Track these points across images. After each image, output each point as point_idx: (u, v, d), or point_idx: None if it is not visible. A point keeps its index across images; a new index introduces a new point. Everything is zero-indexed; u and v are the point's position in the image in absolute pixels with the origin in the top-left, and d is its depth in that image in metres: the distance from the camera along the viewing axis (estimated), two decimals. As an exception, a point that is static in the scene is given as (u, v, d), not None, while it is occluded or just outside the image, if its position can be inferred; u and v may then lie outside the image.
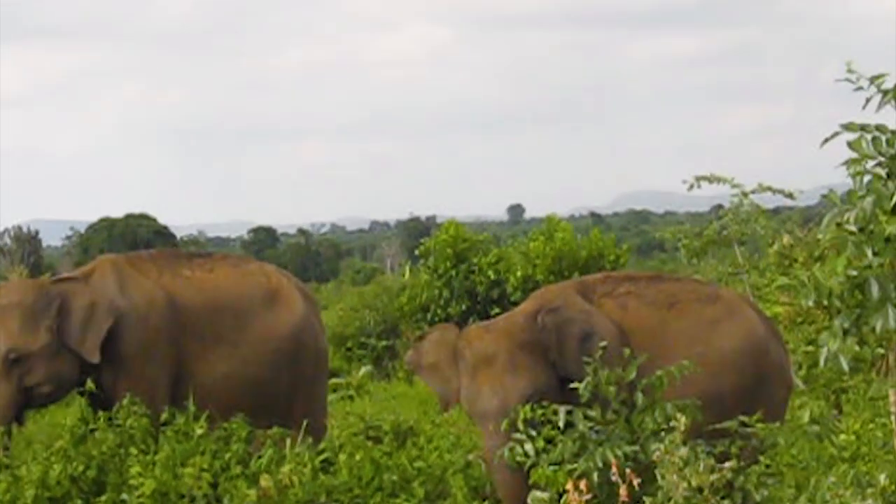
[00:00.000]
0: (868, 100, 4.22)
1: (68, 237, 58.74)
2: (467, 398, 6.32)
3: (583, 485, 4.83)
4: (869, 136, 4.18)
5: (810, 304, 4.29)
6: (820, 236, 5.19)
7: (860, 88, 4.21)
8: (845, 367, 4.22)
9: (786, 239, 10.36)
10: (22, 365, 7.17)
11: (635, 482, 4.91)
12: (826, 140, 4.19)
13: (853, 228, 4.16)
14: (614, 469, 5.09)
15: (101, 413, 6.88)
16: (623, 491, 4.87)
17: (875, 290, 4.11)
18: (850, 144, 4.19)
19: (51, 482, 6.35)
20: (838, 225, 4.21)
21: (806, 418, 5.75)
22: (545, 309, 6.39)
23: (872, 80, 4.21)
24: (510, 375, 6.19)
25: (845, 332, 4.23)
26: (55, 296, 7.31)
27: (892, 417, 7.69)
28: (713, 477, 5.01)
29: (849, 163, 4.19)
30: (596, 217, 78.40)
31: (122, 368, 7.29)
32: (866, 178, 4.19)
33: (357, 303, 20.19)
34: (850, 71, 4.21)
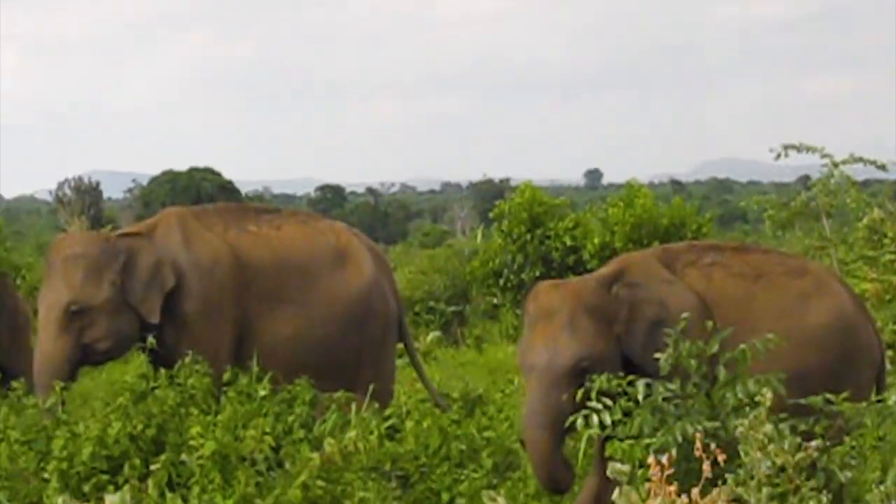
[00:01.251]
0: None
1: (130, 190, 58.66)
2: (521, 349, 6.20)
3: (666, 459, 4.62)
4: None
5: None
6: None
7: None
8: (947, 345, 4.02)
9: (876, 212, 10.07)
10: (83, 318, 7.06)
11: (720, 458, 4.70)
12: None
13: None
14: (698, 444, 4.89)
15: (162, 371, 6.73)
16: (706, 467, 4.67)
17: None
18: None
19: (109, 440, 6.24)
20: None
21: (894, 399, 5.52)
22: (624, 280, 6.22)
23: None
24: (567, 333, 6.01)
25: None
26: (121, 250, 7.21)
27: None
28: (798, 456, 4.84)
29: None
30: (676, 184, 76.93)
31: (185, 325, 7.17)
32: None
33: (426, 266, 19.91)
34: None
